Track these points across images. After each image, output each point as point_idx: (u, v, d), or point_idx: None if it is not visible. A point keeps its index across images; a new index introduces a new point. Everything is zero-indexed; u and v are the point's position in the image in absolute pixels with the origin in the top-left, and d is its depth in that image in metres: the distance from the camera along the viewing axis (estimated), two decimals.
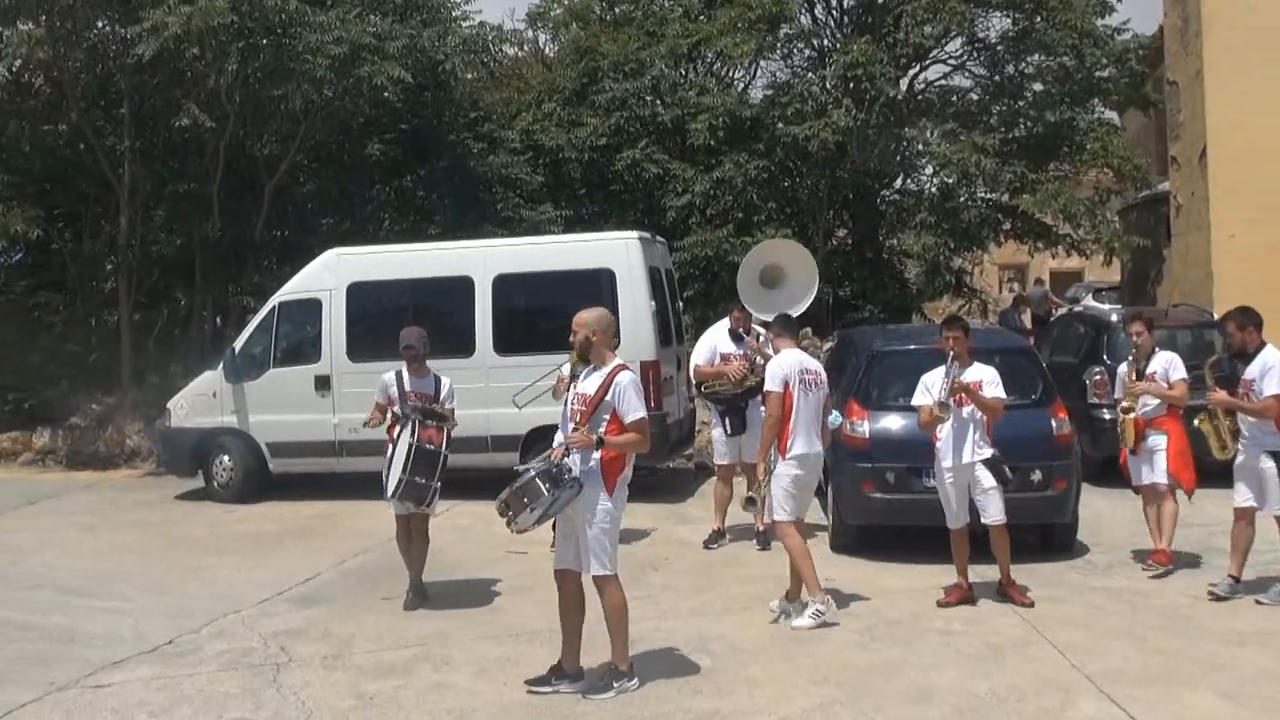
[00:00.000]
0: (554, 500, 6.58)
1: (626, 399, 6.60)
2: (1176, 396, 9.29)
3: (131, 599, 9.33)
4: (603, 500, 6.62)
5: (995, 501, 8.37)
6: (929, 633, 7.86)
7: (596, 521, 6.61)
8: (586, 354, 6.82)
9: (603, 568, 6.69)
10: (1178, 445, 9.30)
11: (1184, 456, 9.30)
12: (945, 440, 8.43)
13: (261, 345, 14.13)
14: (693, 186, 19.89)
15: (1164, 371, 9.39)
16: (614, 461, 6.67)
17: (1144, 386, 9.38)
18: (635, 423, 6.61)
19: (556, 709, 6.53)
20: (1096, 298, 27.36)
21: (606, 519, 6.64)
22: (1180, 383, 9.31)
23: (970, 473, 8.38)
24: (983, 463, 8.33)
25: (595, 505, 6.61)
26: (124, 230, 18.60)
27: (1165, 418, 9.37)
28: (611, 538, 6.70)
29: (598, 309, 6.99)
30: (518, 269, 13.41)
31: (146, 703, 6.84)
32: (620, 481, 6.71)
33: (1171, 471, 9.30)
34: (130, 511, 13.62)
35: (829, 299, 20.50)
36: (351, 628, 8.32)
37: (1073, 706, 6.42)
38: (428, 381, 8.90)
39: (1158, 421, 9.38)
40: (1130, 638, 7.65)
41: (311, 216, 20.31)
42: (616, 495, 6.68)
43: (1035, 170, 19.88)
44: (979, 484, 8.37)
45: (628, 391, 6.61)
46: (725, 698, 6.68)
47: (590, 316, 6.85)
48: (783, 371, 8.37)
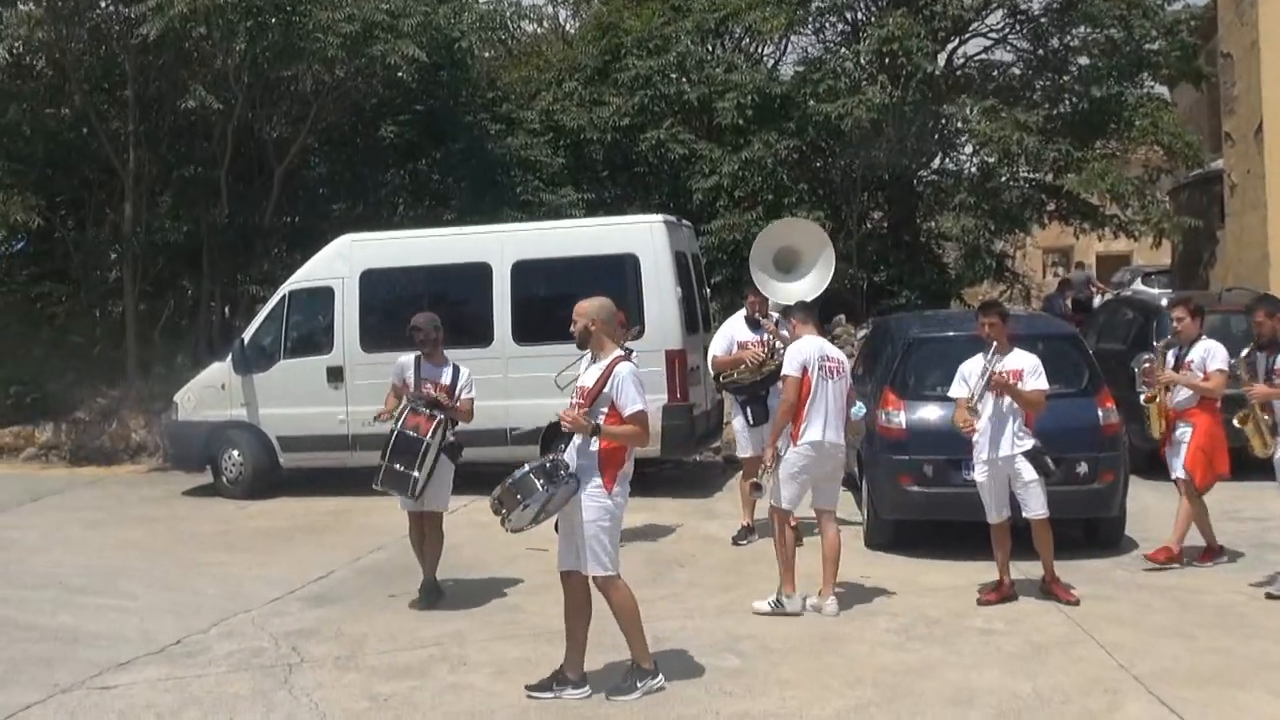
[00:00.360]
0: (549, 496, 6.56)
1: (625, 391, 6.56)
2: (1209, 388, 9.16)
3: (138, 598, 9.40)
4: (600, 497, 6.59)
5: (1037, 495, 8.34)
6: (969, 632, 7.84)
7: (593, 520, 6.58)
8: (585, 344, 6.81)
9: (602, 568, 6.65)
10: (1200, 439, 9.18)
11: (1204, 452, 9.17)
12: (983, 431, 8.39)
13: (271, 336, 14.20)
14: (720, 168, 19.89)
15: (1201, 361, 9.27)
16: (612, 455, 6.63)
17: (1171, 375, 9.30)
18: (634, 415, 6.56)
19: (578, 711, 6.55)
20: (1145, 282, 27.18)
21: (605, 517, 6.59)
22: (1217, 374, 9.16)
23: (1010, 465, 8.33)
24: (1024, 455, 8.29)
25: (592, 502, 6.59)
26: (128, 217, 18.72)
27: (1196, 409, 9.25)
28: (611, 536, 6.64)
29: (599, 298, 6.95)
30: (537, 255, 13.42)
31: (154, 704, 6.88)
32: (621, 477, 6.66)
33: (1187, 465, 9.21)
34: (136, 508, 13.72)
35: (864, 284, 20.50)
36: (365, 627, 8.36)
37: (1120, 708, 6.38)
38: (444, 370, 8.92)
39: (1188, 413, 9.28)
40: (1180, 636, 7.60)
41: (323, 201, 20.41)
42: (616, 492, 6.63)
43: (1081, 148, 19.78)
44: (1019, 477, 8.32)
45: (626, 383, 6.57)
46: (755, 699, 6.68)
47: (590, 305, 6.84)
48: (802, 357, 8.39)
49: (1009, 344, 8.48)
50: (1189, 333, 9.43)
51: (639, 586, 9.09)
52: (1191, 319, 9.44)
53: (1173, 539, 9.36)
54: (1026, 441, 8.31)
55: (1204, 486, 9.29)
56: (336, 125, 20.16)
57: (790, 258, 11.33)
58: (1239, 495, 11.48)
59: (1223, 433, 9.27)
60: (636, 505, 11.81)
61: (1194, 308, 9.59)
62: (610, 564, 6.67)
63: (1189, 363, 9.33)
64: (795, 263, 11.29)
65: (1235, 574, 9.09)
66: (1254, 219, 18.89)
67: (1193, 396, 9.26)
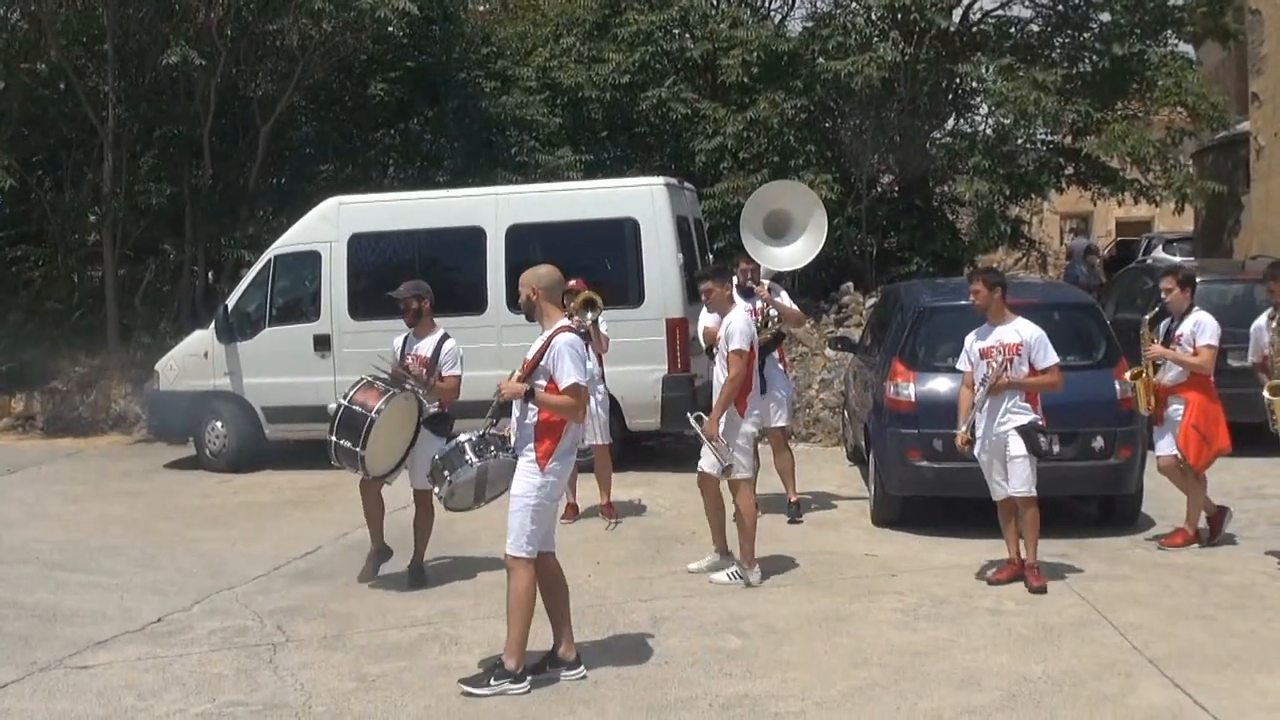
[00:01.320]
0: (482, 471, 6.62)
1: (560, 363, 6.51)
2: (1197, 364, 9.10)
3: (118, 574, 9.42)
4: (532, 472, 6.58)
5: (1021, 471, 8.24)
6: (979, 612, 7.86)
7: (520, 494, 6.58)
8: (531, 314, 6.81)
9: (517, 548, 6.61)
10: (1193, 417, 9.13)
11: (1197, 430, 9.12)
12: (981, 406, 8.36)
13: (256, 302, 14.19)
14: (724, 128, 19.81)
15: (1190, 335, 9.19)
16: (549, 429, 6.59)
17: (1159, 350, 9.24)
18: (569, 388, 6.50)
19: (572, 693, 6.57)
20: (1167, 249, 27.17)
21: (533, 493, 6.57)
22: (1206, 350, 9.09)
23: (1003, 440, 8.29)
24: (1016, 429, 8.23)
25: (523, 476, 6.60)
26: (108, 178, 18.69)
27: (1187, 385, 9.19)
28: (535, 516, 6.58)
29: (544, 266, 6.95)
30: (533, 219, 13.39)
31: (134, 685, 6.90)
32: (558, 453, 6.61)
33: (1179, 445, 9.17)
34: (117, 481, 13.75)
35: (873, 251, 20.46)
36: (353, 605, 8.38)
37: (1134, 692, 6.40)
38: (428, 343, 8.89)
39: (1179, 389, 9.22)
40: (1199, 618, 7.61)
41: (310, 162, 20.39)
42: (550, 469, 6.58)
43: (1101, 109, 19.67)
44: (1007, 450, 8.27)
45: (562, 355, 6.52)
46: (756, 681, 6.70)
47: (532, 274, 6.83)
48: (750, 330, 8.76)
49: (1008, 313, 8.43)
50: (1178, 304, 9.34)
51: (637, 564, 9.20)
52: (1180, 290, 9.34)
53: (1186, 522, 9.36)
54: (1021, 417, 8.24)
55: (1199, 465, 9.22)
56: (324, 83, 20.08)
57: (781, 222, 11.24)
58: (1262, 472, 11.51)
59: (1219, 408, 9.23)
60: (634, 480, 11.96)
61: (1183, 278, 9.47)
62: (527, 545, 6.60)
63: (1178, 336, 9.25)
64: (786, 227, 11.20)
65: (1258, 553, 9.10)
66: None
67: (1183, 372, 9.18)
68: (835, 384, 15.03)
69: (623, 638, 7.50)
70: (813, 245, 11.24)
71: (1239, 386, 10.71)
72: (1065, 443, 9.39)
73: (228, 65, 18.25)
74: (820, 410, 14.91)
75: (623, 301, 12.37)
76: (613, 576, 8.94)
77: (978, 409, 8.33)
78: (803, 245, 11.18)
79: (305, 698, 6.64)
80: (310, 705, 6.53)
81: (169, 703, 6.62)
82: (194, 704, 6.59)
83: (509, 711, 6.33)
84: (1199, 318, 9.25)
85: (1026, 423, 8.23)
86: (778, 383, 10.62)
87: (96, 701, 6.66)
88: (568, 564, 9.21)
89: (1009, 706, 6.23)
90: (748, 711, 6.27)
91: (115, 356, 18.09)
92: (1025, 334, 8.30)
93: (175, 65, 16.92)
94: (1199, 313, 9.31)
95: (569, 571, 8.98)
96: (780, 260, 11.07)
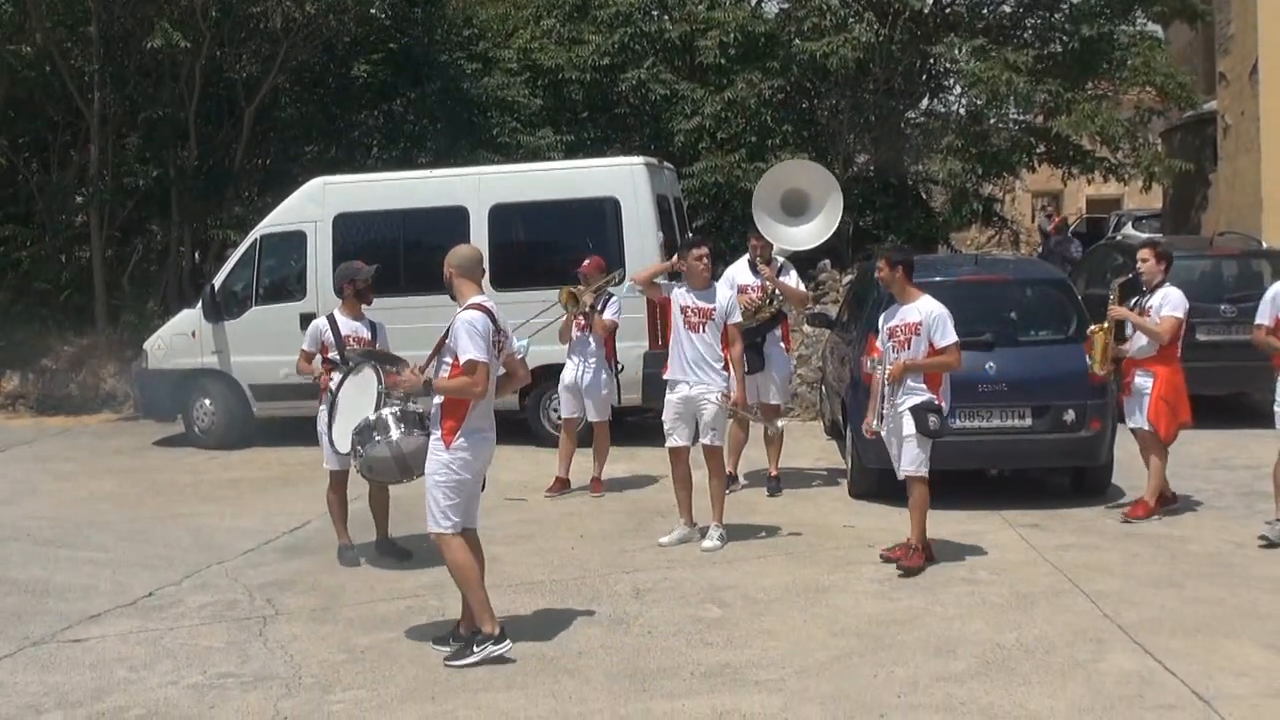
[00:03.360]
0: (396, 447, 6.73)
1: (458, 340, 6.53)
2: (1155, 332, 9.12)
3: (109, 550, 9.40)
4: (439, 450, 6.62)
5: (908, 452, 8.15)
6: (954, 581, 7.90)
7: (431, 473, 6.63)
8: (453, 295, 6.82)
9: (435, 524, 6.65)
10: (1162, 389, 9.15)
11: (1167, 402, 9.14)
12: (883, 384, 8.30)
13: (243, 282, 14.13)
14: (702, 108, 19.75)
15: (1158, 307, 9.23)
16: (452, 408, 6.62)
17: (1120, 311, 9.28)
18: (466, 365, 6.51)
19: (557, 663, 6.58)
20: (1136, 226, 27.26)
21: (441, 470, 6.60)
22: (1169, 319, 9.11)
23: (899, 419, 8.20)
24: (909, 409, 8.12)
25: (432, 456, 6.65)
26: (94, 160, 18.55)
27: (1155, 359, 9.22)
28: (447, 493, 6.61)
29: (467, 247, 7.04)
30: (515, 198, 13.38)
31: (126, 658, 6.90)
32: (464, 430, 6.61)
33: (1150, 418, 9.19)
34: (107, 458, 13.70)
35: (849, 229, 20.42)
36: (341, 579, 8.39)
37: (1104, 659, 6.45)
38: (364, 324, 8.89)
39: (1146, 362, 9.25)
40: (1168, 586, 7.68)
41: (295, 143, 20.24)
42: (456, 446, 6.59)
43: (1071, 89, 19.65)
44: (899, 430, 8.19)
45: (459, 333, 6.53)
46: (737, 650, 6.73)
47: (452, 254, 6.85)
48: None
49: (913, 292, 8.33)
50: (1151, 276, 9.37)
51: (620, 537, 9.23)
52: (1156, 262, 9.38)
53: (1147, 492, 9.38)
54: (914, 397, 8.13)
55: (1169, 438, 9.26)
56: (308, 65, 19.94)
57: (796, 200, 11.17)
58: (1228, 443, 11.60)
59: (1182, 381, 9.27)
60: (617, 455, 11.95)
61: (1160, 251, 9.52)
62: (444, 520, 6.64)
63: (1148, 308, 9.29)
64: (802, 206, 11.13)
65: (1226, 523, 9.18)
66: (1247, 162, 18.89)
67: (1150, 345, 9.20)
68: (813, 360, 15.04)
69: (606, 608, 7.52)
70: (827, 226, 11.20)
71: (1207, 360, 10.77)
72: (1037, 415, 9.43)
73: (212, 47, 18.12)
74: (798, 385, 14.92)
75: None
76: (596, 548, 8.96)
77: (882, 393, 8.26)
78: (817, 225, 11.15)
79: (295, 669, 6.64)
80: (300, 676, 6.53)
81: (160, 674, 6.62)
82: (185, 676, 6.58)
83: (495, 680, 6.34)
84: (1168, 291, 9.29)
85: (919, 403, 8.12)
86: (778, 361, 10.66)
87: (90, 674, 6.65)
88: (552, 536, 9.33)
89: (983, 673, 6.27)
90: (729, 680, 6.29)
91: (104, 336, 18.00)
92: (925, 311, 8.18)
93: (160, 48, 16.79)
94: (1170, 287, 9.34)
95: (554, 544, 9.08)
96: (794, 239, 11.05)
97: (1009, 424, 9.69)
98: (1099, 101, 20.08)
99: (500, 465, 11.92)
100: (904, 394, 8.17)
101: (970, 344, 9.74)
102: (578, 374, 10.84)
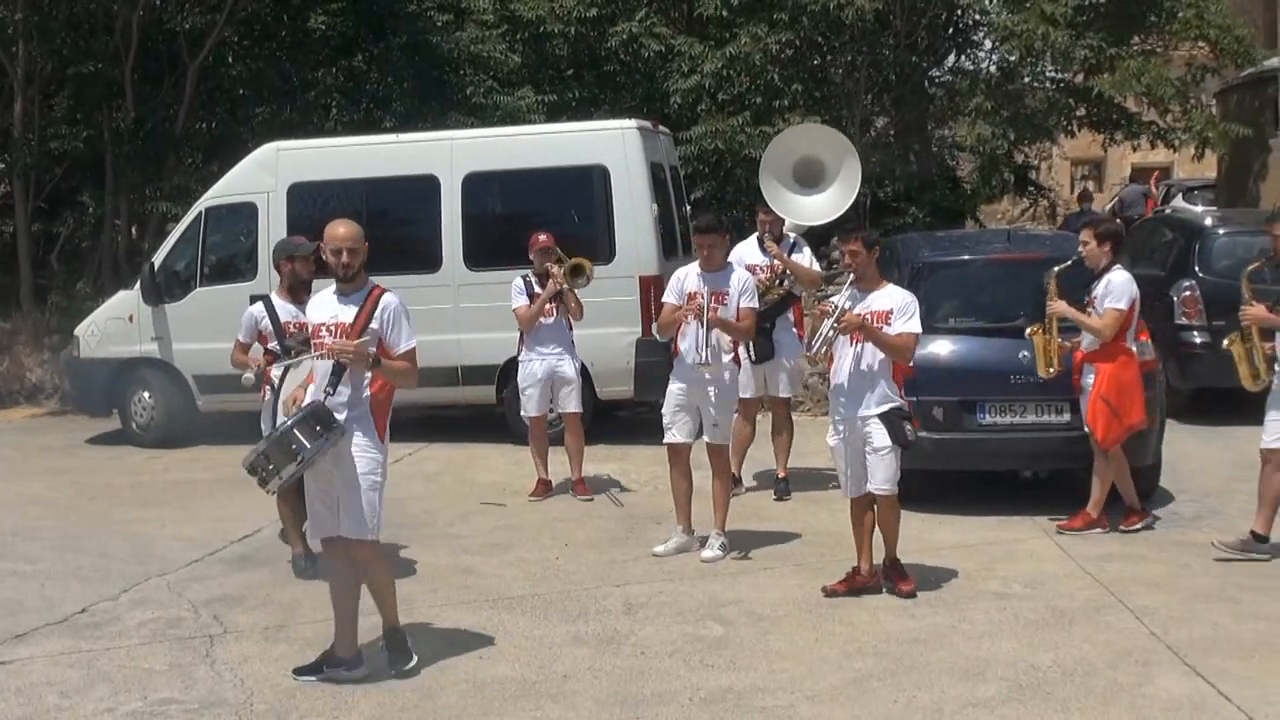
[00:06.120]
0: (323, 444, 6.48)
1: (399, 325, 6.63)
2: (1093, 327, 9.00)
3: (38, 560, 9.38)
4: (372, 448, 6.66)
5: (885, 467, 7.90)
6: (982, 596, 7.91)
7: (367, 472, 6.61)
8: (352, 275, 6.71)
9: (369, 531, 6.68)
10: (1102, 388, 9.02)
11: (1106, 402, 9.00)
12: (840, 385, 8.03)
13: (186, 260, 14.12)
14: (702, 66, 19.73)
15: (1102, 296, 9.08)
16: (385, 400, 6.73)
17: (1060, 306, 9.08)
18: (407, 353, 6.65)
19: (540, 688, 6.59)
20: (1187, 198, 27.27)
21: (378, 470, 6.66)
22: (1111, 312, 8.96)
23: (864, 427, 7.93)
24: (879, 417, 7.88)
25: (364, 455, 6.62)
26: (18, 121, 18.52)
27: (1098, 354, 9.10)
28: (381, 494, 6.71)
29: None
30: (492, 166, 13.36)
31: (56, 682, 6.89)
32: (387, 427, 6.78)
33: (1086, 419, 9.11)
34: (35, 458, 13.69)
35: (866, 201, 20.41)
36: (296, 593, 8.38)
37: (1151, 681, 6.46)
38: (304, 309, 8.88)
39: (1091, 356, 9.14)
40: (1221, 601, 7.69)
41: (244, 105, 20.18)
42: (385, 443, 6.75)
43: (1115, 44, 19.66)
44: (870, 441, 7.92)
45: (399, 316, 6.64)
46: (741, 673, 6.74)
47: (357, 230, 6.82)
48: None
49: (882, 280, 8.10)
50: (1096, 260, 9.17)
51: (610, 546, 9.24)
52: (1099, 245, 9.17)
53: (1091, 503, 9.25)
54: (888, 403, 7.90)
55: (1107, 441, 9.08)
56: (258, 15, 19.91)
57: (809, 169, 11.10)
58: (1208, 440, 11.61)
59: (1134, 377, 9.12)
60: (605, 454, 11.99)
61: (1103, 232, 9.31)
62: (378, 526, 6.73)
63: (1092, 298, 9.14)
64: (816, 176, 11.07)
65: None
66: None
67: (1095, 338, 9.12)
68: None
69: (594, 626, 7.52)
70: (843, 198, 11.12)
71: None
72: (1077, 410, 9.43)
73: None
74: (809, 376, 14.92)
75: (592, 257, 12.35)
76: (583, 559, 8.97)
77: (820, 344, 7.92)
78: (832, 197, 11.08)
79: (246, 695, 6.64)
80: (251, 703, 6.53)
81: (95, 700, 6.61)
82: (123, 702, 6.58)
83: (470, 707, 6.35)
84: (1112, 277, 9.10)
85: (892, 409, 7.89)
86: (789, 348, 10.62)
87: (15, 700, 6.65)
88: (534, 545, 9.35)
89: (1016, 698, 6.29)
90: (732, 706, 6.30)
91: (29, 320, 17.97)
92: (898, 299, 7.92)
93: None
94: (1115, 271, 9.15)
95: (535, 554, 9.09)
96: (805, 212, 11.00)
97: (1045, 419, 9.67)
98: (1146, 58, 20.05)
99: (476, 465, 12.05)
100: (871, 397, 7.88)
101: (1002, 329, 9.83)
102: (554, 364, 10.76)
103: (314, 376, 6.76)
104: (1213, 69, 21.82)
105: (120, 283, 15.53)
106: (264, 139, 14.95)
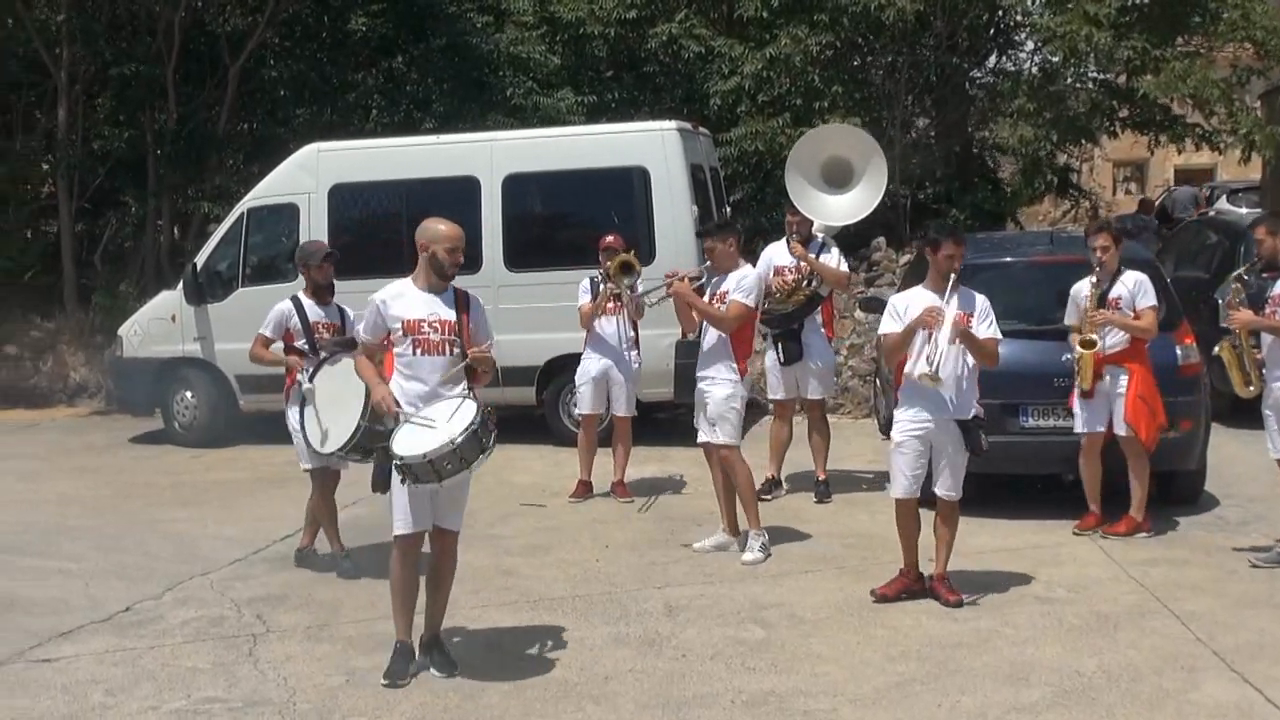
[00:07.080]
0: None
1: (485, 321, 7.06)
2: (1143, 328, 9.04)
3: (82, 559, 9.45)
4: None
5: (957, 472, 7.88)
6: (1027, 600, 7.88)
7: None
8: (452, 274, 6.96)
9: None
10: (1139, 388, 9.03)
11: (1145, 401, 9.03)
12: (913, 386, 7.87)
13: (228, 260, 14.21)
14: (742, 67, 19.71)
15: (1129, 297, 9.13)
16: None
17: (1107, 316, 9.08)
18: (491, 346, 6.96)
19: (581, 689, 6.60)
20: (1232, 200, 27.07)
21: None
22: (1149, 311, 9.05)
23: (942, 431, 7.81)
24: (962, 422, 7.79)
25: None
26: (62, 123, 18.64)
27: (1128, 352, 9.11)
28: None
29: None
30: (532, 167, 13.39)
31: (101, 680, 6.94)
32: None
33: (1128, 420, 9.06)
34: (78, 456, 13.79)
35: (907, 203, 20.37)
36: (339, 593, 8.42)
37: (1198, 688, 6.42)
38: (332, 310, 9.00)
39: (1118, 357, 9.11)
40: (1269, 607, 7.63)
41: (284, 106, 20.27)
42: None
43: (1159, 45, 19.49)
44: (949, 446, 7.83)
45: (484, 313, 7.03)
46: (783, 676, 6.73)
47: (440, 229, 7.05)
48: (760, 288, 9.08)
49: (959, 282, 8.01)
50: (1111, 265, 9.23)
51: (650, 548, 9.25)
52: (1116, 248, 9.25)
53: (1134, 507, 9.23)
54: (972, 410, 7.84)
55: (1151, 442, 9.09)
56: (299, 17, 20.00)
57: (838, 170, 11.09)
58: None
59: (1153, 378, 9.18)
60: (646, 455, 11.98)
61: (1116, 234, 9.41)
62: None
63: (1115, 300, 9.16)
64: (845, 176, 11.05)
65: None
66: None
67: (1124, 338, 9.12)
68: (866, 350, 15.02)
69: (636, 628, 7.53)
70: (869, 198, 11.12)
71: None
72: None
73: None
74: (849, 379, 14.90)
75: None
76: (623, 561, 8.98)
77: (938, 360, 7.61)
78: (857, 198, 11.07)
79: (289, 693, 6.67)
80: (294, 702, 6.56)
81: (140, 699, 6.65)
82: (167, 700, 6.62)
83: (512, 708, 6.36)
84: (1134, 276, 9.20)
85: (974, 416, 7.84)
86: (817, 350, 10.62)
87: (61, 698, 6.69)
88: (574, 546, 9.37)
89: (1061, 703, 6.26)
90: (774, 709, 6.30)
91: (73, 320, 18.11)
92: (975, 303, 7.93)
93: None
94: (1132, 271, 9.25)
95: (576, 555, 9.11)
96: (831, 213, 11.00)
97: None
98: (1191, 59, 19.86)
99: (515, 467, 12.06)
100: (960, 402, 7.78)
101: (1045, 332, 9.78)
102: (612, 364, 10.81)
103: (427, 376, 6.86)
104: (1258, 70, 21.62)
105: (163, 283, 15.62)
106: (305, 140, 15.01)
